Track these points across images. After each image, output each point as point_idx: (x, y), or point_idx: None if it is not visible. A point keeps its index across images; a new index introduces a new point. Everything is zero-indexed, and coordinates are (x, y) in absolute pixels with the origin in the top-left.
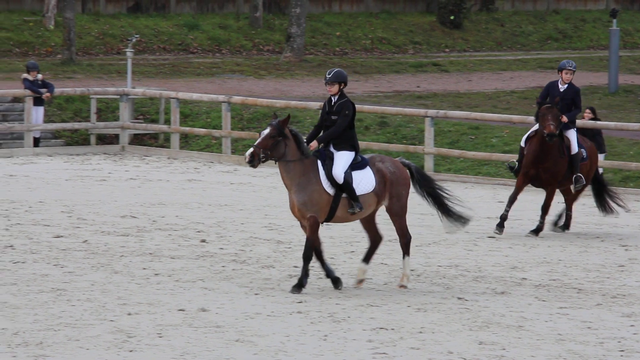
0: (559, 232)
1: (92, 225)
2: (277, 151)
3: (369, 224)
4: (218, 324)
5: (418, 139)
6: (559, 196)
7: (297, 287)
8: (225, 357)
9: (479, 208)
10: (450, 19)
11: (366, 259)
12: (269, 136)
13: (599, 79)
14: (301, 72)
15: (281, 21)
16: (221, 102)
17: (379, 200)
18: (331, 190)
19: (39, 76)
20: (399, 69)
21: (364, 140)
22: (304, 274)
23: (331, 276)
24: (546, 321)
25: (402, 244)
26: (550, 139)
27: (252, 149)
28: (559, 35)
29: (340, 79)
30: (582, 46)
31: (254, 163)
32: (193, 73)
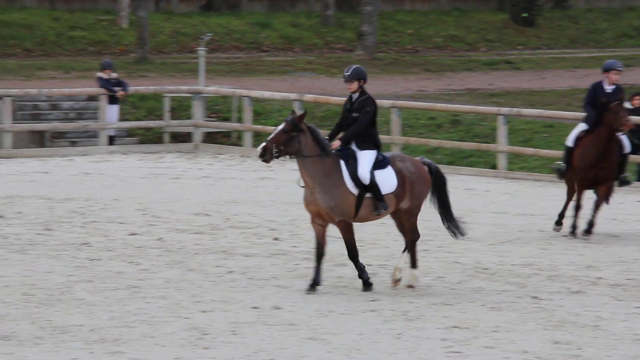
0: (573, 237)
1: (166, 223)
2: (291, 147)
3: (402, 225)
4: (291, 321)
5: (491, 137)
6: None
7: (365, 285)
8: (299, 355)
9: (553, 207)
10: (523, 16)
11: (413, 264)
12: (282, 131)
13: None
14: (373, 70)
15: (353, 19)
16: (293, 100)
17: (398, 201)
18: (355, 191)
19: (113, 75)
20: (471, 66)
21: (436, 139)
22: (359, 271)
23: (316, 280)
24: (622, 321)
25: (407, 240)
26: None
27: (264, 144)
28: (634, 32)
29: (360, 76)
30: None
31: (266, 158)
32: (265, 71)
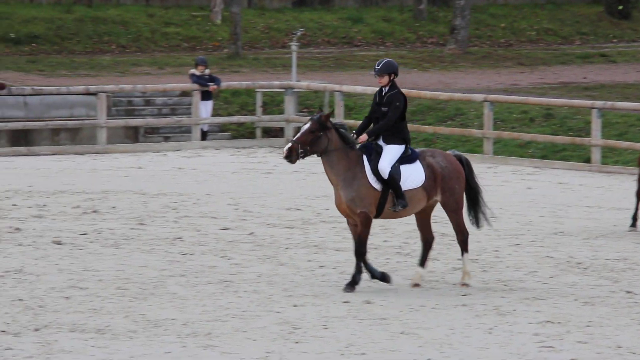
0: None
1: (258, 218)
2: (317, 146)
3: (423, 222)
4: (383, 316)
5: (585, 131)
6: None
7: (351, 284)
8: (391, 349)
9: None
10: (619, 8)
11: (422, 263)
12: (308, 131)
13: None
14: (465, 64)
15: (445, 13)
16: None
17: (430, 195)
18: (378, 186)
19: (207, 71)
20: (565, 60)
21: (529, 132)
22: (356, 270)
23: (376, 276)
24: None
25: (459, 240)
26: None
27: (290, 144)
28: None
29: (391, 70)
30: None
31: (292, 159)
32: (357, 66)
